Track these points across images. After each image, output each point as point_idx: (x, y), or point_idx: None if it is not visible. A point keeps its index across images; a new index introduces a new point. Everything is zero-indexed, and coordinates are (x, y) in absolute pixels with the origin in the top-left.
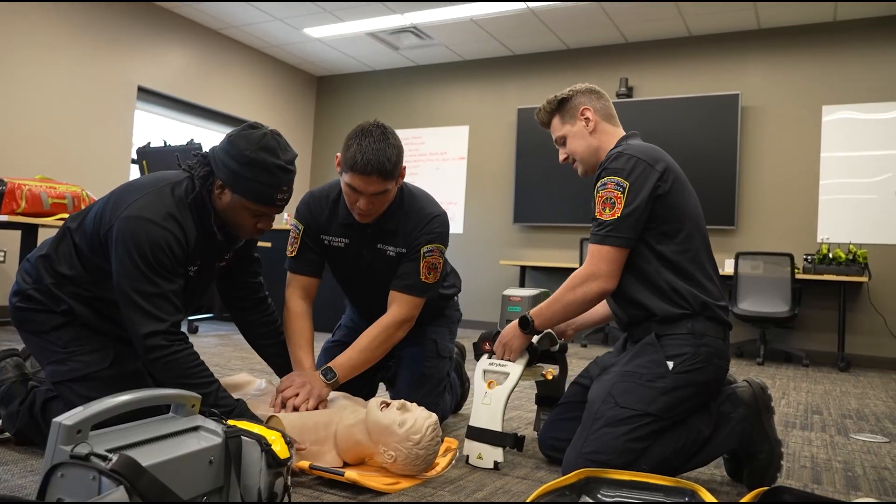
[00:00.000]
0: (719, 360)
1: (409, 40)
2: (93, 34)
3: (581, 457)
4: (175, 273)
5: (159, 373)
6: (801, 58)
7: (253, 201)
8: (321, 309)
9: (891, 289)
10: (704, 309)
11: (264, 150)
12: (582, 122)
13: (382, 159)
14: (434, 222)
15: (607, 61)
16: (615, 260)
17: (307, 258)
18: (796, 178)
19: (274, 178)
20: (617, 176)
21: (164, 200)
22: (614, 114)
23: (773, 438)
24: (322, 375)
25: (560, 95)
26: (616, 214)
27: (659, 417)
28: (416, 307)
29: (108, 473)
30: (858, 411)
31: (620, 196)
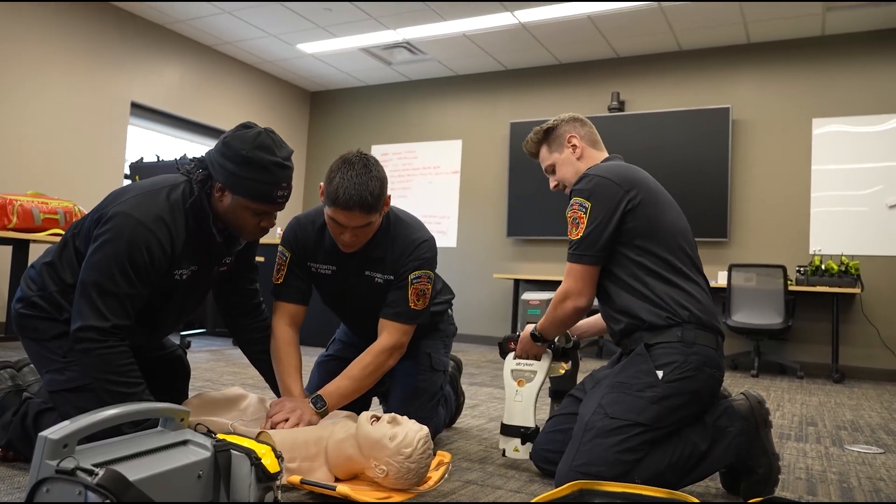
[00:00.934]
0: (711, 369)
1: (402, 55)
2: (86, 50)
3: (573, 469)
4: (144, 278)
5: (86, 366)
6: (790, 71)
7: (253, 200)
8: (314, 323)
9: (883, 300)
10: (693, 317)
11: (260, 148)
12: (569, 150)
13: (364, 194)
14: (421, 248)
15: (599, 76)
16: (583, 277)
17: (294, 286)
18: (788, 190)
19: (272, 175)
20: (580, 197)
21: (157, 202)
22: (599, 139)
23: (771, 452)
24: (312, 404)
25: (546, 126)
26: (580, 234)
27: (650, 427)
28: (406, 334)
29: (94, 488)
30: (853, 422)
31: (583, 216)
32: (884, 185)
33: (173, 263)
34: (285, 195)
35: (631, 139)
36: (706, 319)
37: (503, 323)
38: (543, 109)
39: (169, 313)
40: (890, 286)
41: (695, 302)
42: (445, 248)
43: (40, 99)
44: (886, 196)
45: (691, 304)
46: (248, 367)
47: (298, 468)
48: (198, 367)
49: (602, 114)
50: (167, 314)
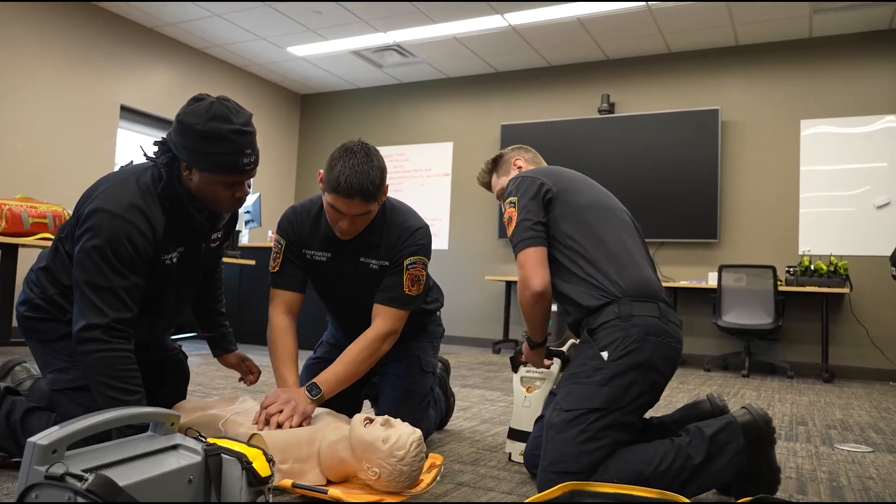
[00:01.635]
0: (657, 337)
1: (393, 58)
2: (75, 53)
3: (544, 472)
4: (134, 268)
5: (87, 368)
6: (778, 73)
7: (221, 174)
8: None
9: (872, 300)
10: (626, 290)
11: (215, 119)
12: (515, 171)
13: (365, 182)
14: (416, 234)
15: (589, 78)
16: (530, 259)
17: (290, 273)
18: (777, 191)
19: (234, 144)
20: (508, 197)
21: (127, 190)
22: (542, 162)
23: (774, 467)
24: (307, 392)
25: (493, 157)
26: (513, 226)
27: (606, 410)
28: (400, 320)
29: (83, 494)
30: (843, 422)
31: (513, 210)
32: (871, 185)
33: (159, 248)
34: (252, 161)
35: (621, 141)
36: (642, 289)
37: (495, 325)
38: (534, 112)
39: (167, 299)
40: (878, 286)
41: (626, 274)
42: (437, 251)
43: (29, 102)
44: (874, 196)
45: (622, 277)
46: None
47: (290, 470)
48: (190, 371)
49: (592, 116)
50: (165, 300)
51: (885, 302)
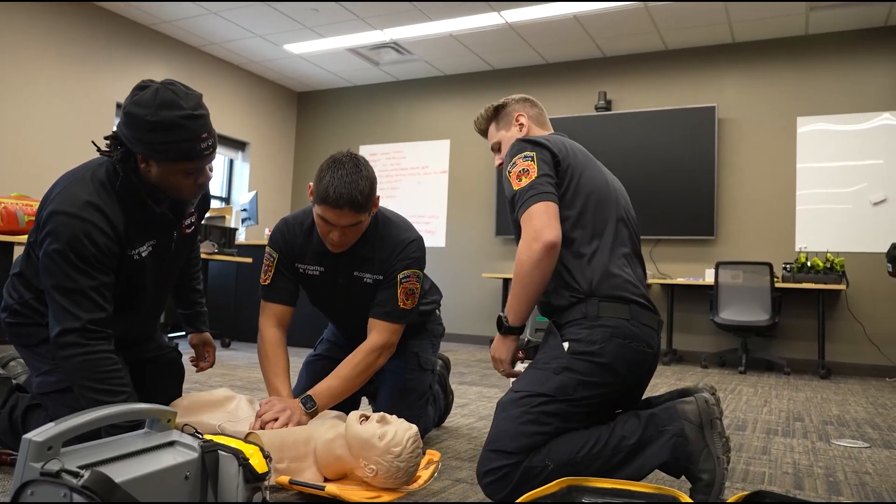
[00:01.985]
0: (623, 339)
1: (390, 56)
2: (72, 51)
3: (485, 450)
4: (99, 267)
5: (69, 373)
6: (775, 70)
7: (179, 162)
8: (303, 324)
9: (868, 296)
10: (595, 290)
11: (163, 107)
12: (516, 128)
13: (354, 192)
14: (410, 247)
15: (585, 75)
16: (546, 212)
17: (281, 286)
18: (773, 188)
19: (188, 131)
20: (519, 153)
21: (83, 189)
22: (547, 121)
23: (715, 457)
24: (302, 404)
25: (496, 104)
26: (532, 175)
27: (552, 398)
28: (395, 333)
29: (79, 490)
30: (839, 417)
31: (531, 164)
32: (867, 182)
33: (124, 244)
34: (210, 145)
35: (618, 138)
36: (614, 289)
37: (492, 322)
38: None
39: (144, 294)
40: (874, 282)
41: (600, 273)
42: (434, 248)
43: (25, 101)
44: (870, 193)
45: (596, 275)
46: (237, 368)
47: (287, 468)
48: (186, 368)
49: (589, 113)
50: (142, 296)
51: (882, 298)
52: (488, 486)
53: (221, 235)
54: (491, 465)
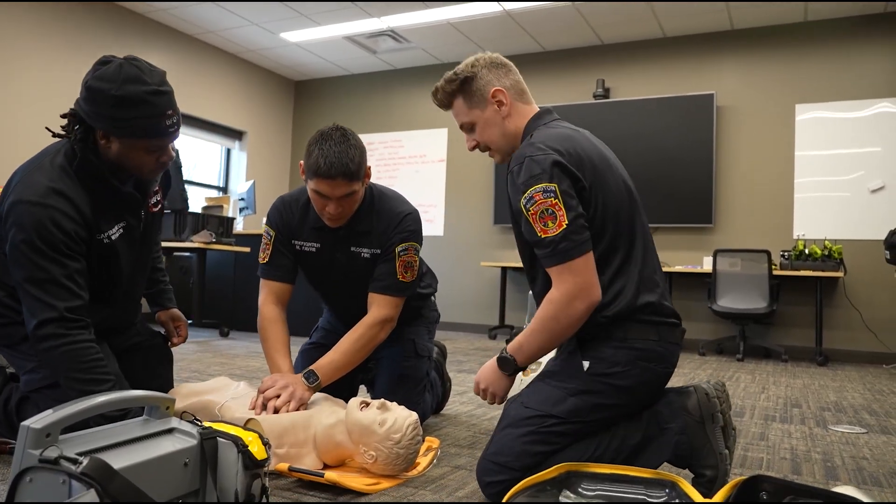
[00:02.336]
0: (648, 363)
1: (387, 44)
2: (65, 39)
3: (485, 458)
4: (68, 254)
5: (52, 365)
6: (773, 57)
7: (143, 139)
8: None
9: (866, 283)
10: (624, 310)
11: (128, 81)
12: (494, 107)
13: (345, 161)
14: (406, 220)
15: (583, 63)
16: (586, 267)
17: (279, 264)
18: (771, 176)
19: (153, 107)
20: (540, 182)
21: (42, 175)
22: (525, 88)
23: (718, 452)
24: (304, 379)
25: (462, 73)
26: (563, 223)
27: (563, 420)
28: (395, 307)
29: (78, 477)
30: (837, 404)
31: (556, 201)
32: (866, 169)
33: (91, 228)
34: (175, 122)
35: (616, 126)
36: (646, 313)
37: (491, 311)
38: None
39: (119, 278)
40: (872, 270)
41: (634, 296)
42: (432, 237)
43: (18, 91)
44: (868, 181)
45: (626, 299)
46: (236, 357)
47: (287, 454)
48: (185, 358)
49: (587, 101)
50: (118, 279)
51: (879, 285)
52: (491, 495)
53: (219, 225)
54: (494, 478)
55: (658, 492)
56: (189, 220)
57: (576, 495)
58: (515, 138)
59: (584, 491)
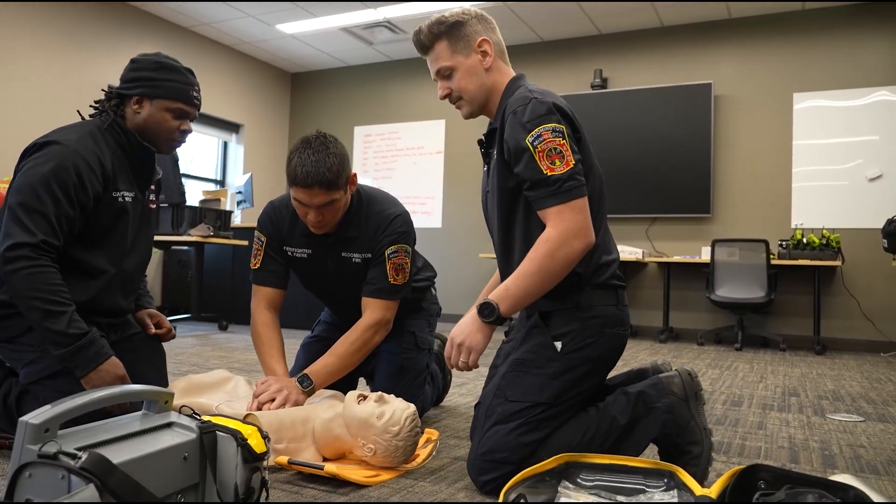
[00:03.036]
0: (612, 329)
1: (383, 35)
2: (60, 33)
3: (478, 458)
4: (70, 200)
5: (14, 286)
6: (771, 47)
7: (173, 99)
8: (300, 307)
9: (864, 272)
10: (590, 275)
11: (167, 58)
12: (478, 56)
13: (322, 170)
14: (395, 223)
15: (581, 53)
16: (586, 209)
17: (271, 269)
18: (769, 165)
19: (186, 77)
20: (550, 122)
21: (76, 131)
22: (505, 49)
23: (702, 428)
24: (298, 383)
25: (453, 17)
26: (570, 163)
27: (550, 405)
28: (389, 310)
29: (77, 472)
30: (834, 392)
31: (563, 142)
32: (863, 158)
33: (110, 184)
34: (198, 97)
35: (614, 116)
36: (606, 276)
37: None
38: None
39: (125, 242)
40: (870, 258)
41: (597, 258)
42: (431, 229)
43: (11, 85)
44: (866, 169)
45: (595, 261)
46: (234, 350)
47: (286, 448)
48: (184, 352)
49: (585, 91)
50: (125, 240)
51: (877, 274)
52: (490, 491)
53: (217, 218)
54: (490, 475)
55: (656, 481)
56: (187, 213)
57: (574, 486)
58: (491, 92)
59: (583, 481)
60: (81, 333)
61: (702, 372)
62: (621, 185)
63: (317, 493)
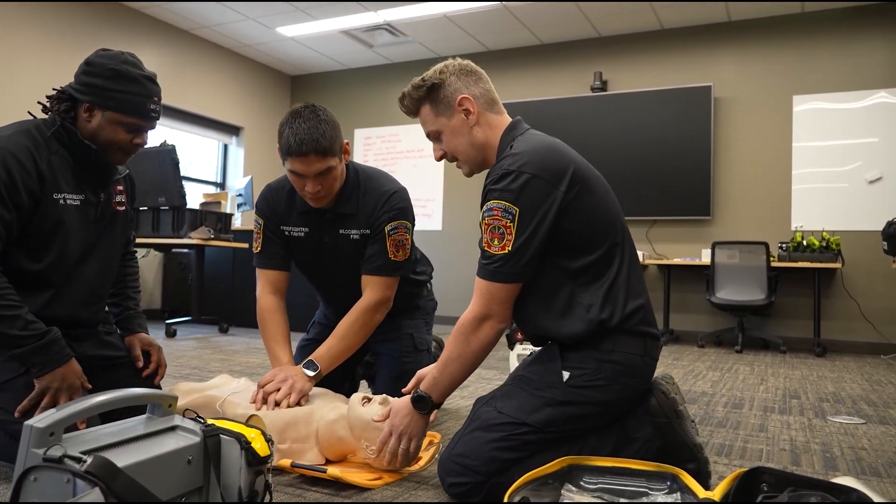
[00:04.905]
0: (629, 379)
1: (384, 38)
2: (58, 35)
3: (450, 458)
4: (4, 200)
5: None
6: (771, 49)
7: (126, 114)
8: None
9: (864, 274)
10: (615, 321)
11: (127, 63)
12: (461, 115)
13: (316, 136)
14: (394, 198)
15: (581, 56)
16: (508, 297)
17: (272, 252)
18: (769, 167)
19: (143, 87)
20: (504, 200)
21: (11, 129)
22: (497, 98)
23: (692, 444)
24: (304, 369)
25: (430, 80)
26: (506, 248)
27: (536, 430)
28: (389, 287)
29: (82, 475)
30: (835, 394)
31: (510, 225)
32: (863, 160)
33: (48, 185)
34: (157, 110)
35: (613, 119)
36: (636, 325)
37: None
38: (526, 90)
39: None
40: (870, 260)
41: (623, 302)
42: (431, 231)
43: (11, 87)
44: (866, 171)
45: (618, 305)
46: (235, 353)
47: (289, 449)
48: (184, 354)
49: (585, 94)
50: (65, 247)
51: (877, 276)
52: (455, 495)
53: (217, 221)
54: (457, 479)
55: (659, 484)
56: (187, 216)
57: (577, 488)
58: (484, 149)
59: (586, 484)
60: (41, 333)
61: (702, 374)
62: (621, 188)
63: (319, 495)
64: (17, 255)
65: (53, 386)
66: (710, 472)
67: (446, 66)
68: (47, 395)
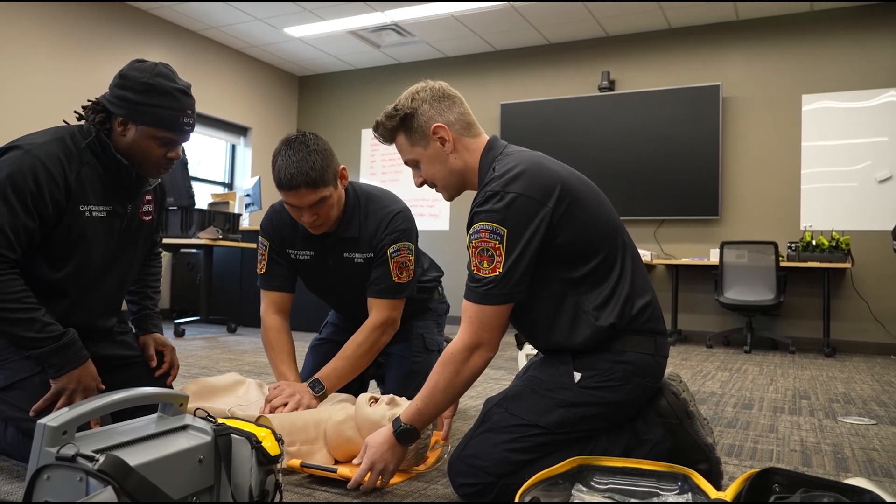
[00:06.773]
0: (641, 379)
1: (391, 38)
2: (68, 36)
3: (461, 459)
4: (27, 209)
5: None
6: (779, 48)
7: (159, 128)
8: (306, 308)
9: (873, 274)
10: (624, 322)
11: (160, 76)
12: (437, 144)
13: (305, 169)
14: (396, 220)
15: (588, 55)
16: (499, 322)
17: (276, 273)
18: (778, 167)
19: (176, 101)
20: (491, 221)
21: (45, 136)
22: (473, 120)
23: (703, 444)
24: (310, 388)
25: (403, 109)
26: (497, 270)
27: (548, 431)
28: (395, 309)
29: (95, 474)
30: (845, 395)
31: (499, 246)
32: (873, 160)
33: (75, 197)
34: (190, 123)
35: (621, 119)
36: (643, 322)
37: None
38: (533, 90)
39: (88, 258)
40: (880, 260)
41: (629, 302)
42: (438, 232)
43: (21, 87)
44: (876, 171)
45: (625, 306)
46: (244, 353)
47: (298, 451)
48: (193, 354)
49: (592, 93)
50: (87, 259)
51: (887, 276)
52: (465, 495)
53: (225, 221)
54: (468, 480)
55: (670, 485)
56: (195, 216)
57: (588, 489)
58: (463, 174)
59: (597, 484)
60: (59, 334)
61: (711, 374)
62: (629, 188)
63: (329, 495)
64: (39, 263)
65: (70, 387)
66: (721, 473)
67: (418, 93)
68: (63, 397)
